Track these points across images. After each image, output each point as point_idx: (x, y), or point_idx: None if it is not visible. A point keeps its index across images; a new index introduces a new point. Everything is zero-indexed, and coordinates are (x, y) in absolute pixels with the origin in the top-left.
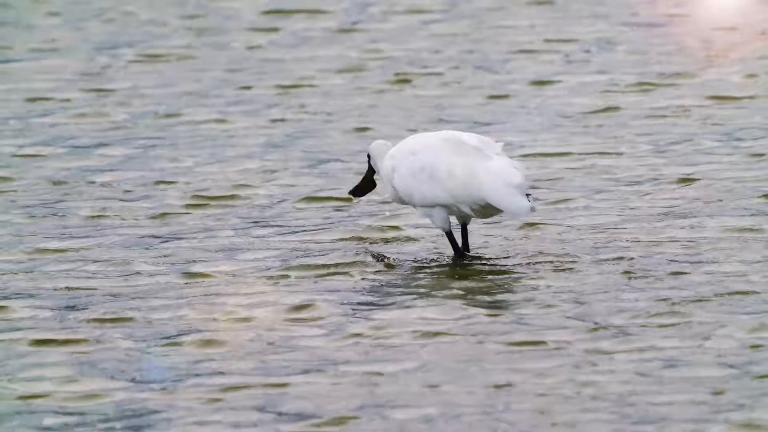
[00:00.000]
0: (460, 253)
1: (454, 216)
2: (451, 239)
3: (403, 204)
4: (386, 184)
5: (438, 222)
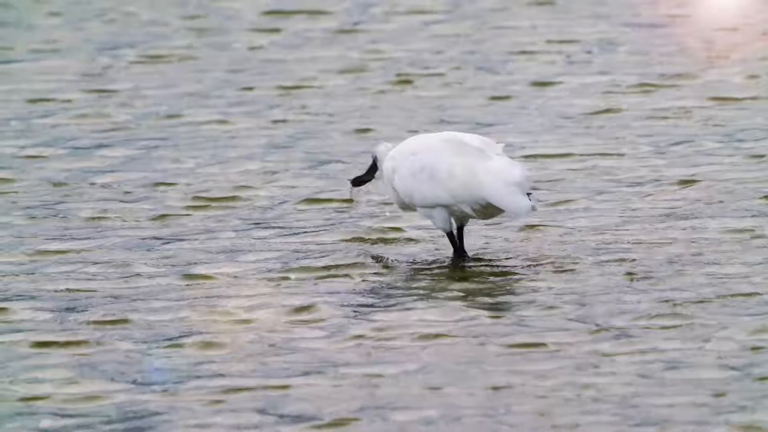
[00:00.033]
0: (460, 254)
1: (454, 217)
2: (452, 240)
3: (406, 209)
4: (387, 186)
5: (439, 223)
